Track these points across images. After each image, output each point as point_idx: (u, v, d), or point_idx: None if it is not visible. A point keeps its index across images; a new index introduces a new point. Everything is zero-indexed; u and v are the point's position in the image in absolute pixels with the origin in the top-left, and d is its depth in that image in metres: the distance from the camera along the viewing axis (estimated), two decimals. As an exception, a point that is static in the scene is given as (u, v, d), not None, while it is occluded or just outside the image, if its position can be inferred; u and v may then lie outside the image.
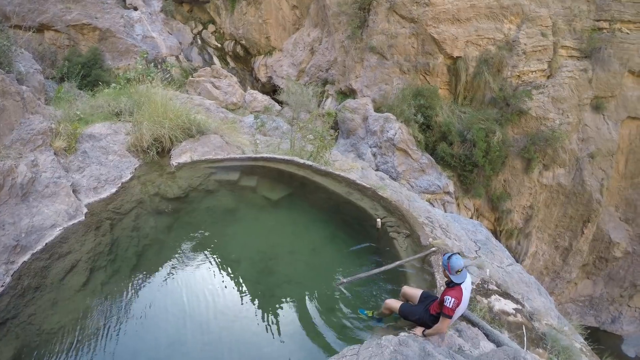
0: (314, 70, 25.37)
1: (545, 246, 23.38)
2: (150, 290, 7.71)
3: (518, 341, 7.15)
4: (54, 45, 24.09)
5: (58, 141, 10.43)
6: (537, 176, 21.71)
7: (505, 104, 20.81)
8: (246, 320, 7.10)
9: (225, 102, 21.72)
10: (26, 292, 7.22)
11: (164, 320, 7.06)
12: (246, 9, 28.54)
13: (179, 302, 7.41)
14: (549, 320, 8.55)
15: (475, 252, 10.40)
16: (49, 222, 8.57)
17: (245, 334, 6.89)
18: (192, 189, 10.41)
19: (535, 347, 7.27)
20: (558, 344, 7.42)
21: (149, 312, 7.20)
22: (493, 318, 7.44)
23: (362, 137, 19.88)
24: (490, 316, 7.45)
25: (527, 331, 7.40)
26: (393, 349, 4.22)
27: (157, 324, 6.98)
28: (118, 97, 13.28)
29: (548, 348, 7.35)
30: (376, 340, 4.50)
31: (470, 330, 6.79)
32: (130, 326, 6.89)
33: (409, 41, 21.27)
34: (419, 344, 4.34)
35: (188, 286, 7.80)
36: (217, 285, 7.82)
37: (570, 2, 21.46)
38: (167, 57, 26.59)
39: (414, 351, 4.18)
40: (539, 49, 21.04)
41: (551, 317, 8.87)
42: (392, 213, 9.05)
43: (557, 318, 9.17)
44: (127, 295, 7.52)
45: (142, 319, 7.04)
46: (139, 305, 7.32)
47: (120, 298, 7.42)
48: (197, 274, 8.12)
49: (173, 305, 7.35)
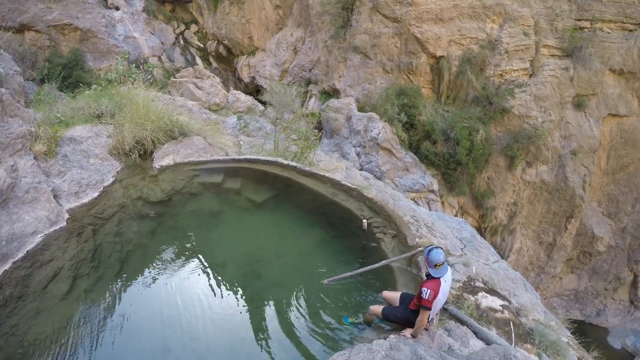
0: (297, 70, 25.29)
1: (529, 242, 23.61)
2: (135, 297, 7.58)
3: (506, 337, 7.19)
4: (35, 46, 23.75)
5: (38, 145, 10.21)
6: (520, 173, 21.91)
7: (488, 102, 20.94)
8: (234, 326, 7.04)
9: (208, 102, 21.57)
10: (8, 302, 7.03)
11: (150, 327, 6.97)
12: (229, 9, 28.37)
13: (164, 309, 7.31)
14: (536, 316, 8.63)
15: (461, 249, 10.45)
16: (29, 228, 8.38)
17: (233, 340, 6.82)
18: (176, 192, 10.29)
19: (524, 343, 7.32)
20: (546, 338, 7.51)
21: (135, 319, 7.09)
22: (481, 315, 7.47)
23: (346, 136, 19.86)
24: (477, 313, 7.48)
25: (515, 327, 7.44)
26: (384, 353, 4.20)
27: (143, 331, 6.89)
28: (99, 99, 13.06)
29: (536, 343, 7.42)
30: (367, 345, 4.48)
31: (459, 329, 6.82)
32: (116, 334, 6.76)
33: (392, 41, 21.30)
34: (410, 347, 4.32)
35: (173, 292, 7.70)
36: (204, 291, 7.73)
37: (552, 1, 21.66)
38: (149, 57, 26.35)
39: (405, 355, 4.17)
40: (521, 48, 21.21)
41: (538, 312, 8.96)
42: (378, 213, 9.04)
43: (543, 313, 9.27)
44: (112, 302, 7.39)
45: (127, 326, 6.93)
46: (124, 312, 7.19)
47: (104, 306, 7.28)
48: (182, 280, 8.01)
49: (158, 311, 7.25)
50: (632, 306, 25.86)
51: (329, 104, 21.23)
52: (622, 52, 22.06)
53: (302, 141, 12.51)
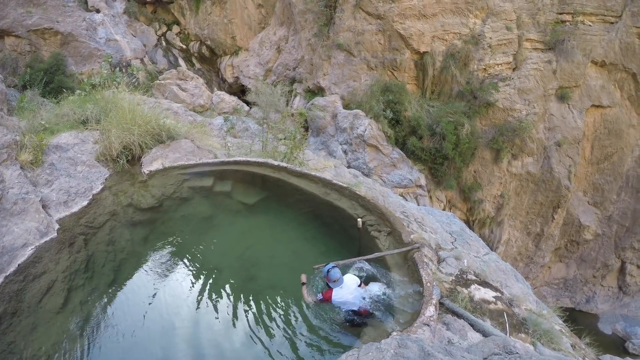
0: (281, 69, 25.22)
1: (517, 233, 23.85)
2: (131, 306, 7.51)
3: (500, 328, 7.32)
4: (15, 51, 23.40)
5: (24, 154, 9.98)
6: (506, 166, 22.11)
7: (473, 96, 21.09)
8: (232, 331, 7.00)
9: (193, 104, 21.42)
10: (3, 319, 6.87)
11: (148, 335, 6.92)
12: (211, 9, 28.19)
13: (161, 316, 7.26)
14: (528, 305, 8.79)
15: (452, 243, 10.55)
16: (20, 241, 8.19)
17: (232, 345, 6.79)
18: (166, 198, 10.15)
19: (518, 333, 7.46)
20: (539, 327, 7.72)
21: (132, 328, 7.02)
22: (475, 307, 7.60)
23: (332, 134, 19.87)
24: (472, 305, 7.60)
25: (509, 317, 7.60)
26: (394, 352, 4.20)
27: (141, 341, 6.83)
28: (84, 105, 12.82)
29: (530, 332, 7.57)
30: (376, 344, 4.48)
31: (457, 323, 6.96)
32: (115, 345, 6.71)
33: (375, 37, 21.33)
34: (418, 344, 4.34)
35: (169, 299, 7.65)
36: (199, 296, 7.69)
37: (534, -4, 21.86)
38: (132, 60, 26.10)
39: (413, 352, 4.17)
40: (504, 43, 21.38)
41: (530, 301, 9.12)
42: (371, 211, 9.01)
43: (535, 302, 9.44)
44: (108, 313, 7.30)
45: (125, 336, 6.86)
46: (121, 322, 7.11)
47: (101, 317, 7.20)
48: (177, 286, 7.95)
49: (156, 319, 7.20)
50: (620, 292, 26.28)
51: (314, 102, 21.26)
52: (603, 45, 22.31)
53: (291, 141, 12.45)
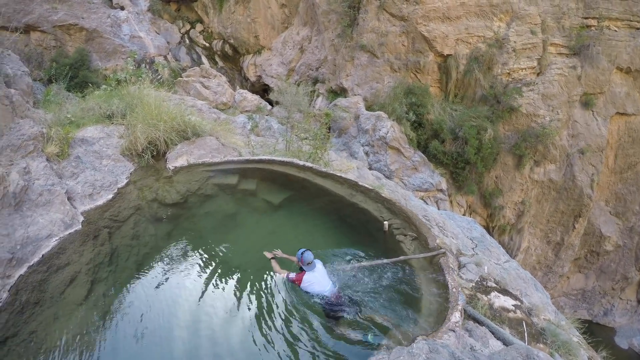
0: (304, 69, 25.18)
1: (537, 241, 23.54)
2: (153, 301, 7.46)
3: (519, 337, 7.21)
4: (40, 46, 23.64)
5: (50, 146, 10.07)
6: (528, 172, 21.83)
7: (496, 101, 20.85)
8: (255, 329, 6.92)
9: (215, 102, 21.45)
10: (25, 308, 6.91)
11: (170, 332, 6.87)
12: (234, 8, 28.25)
13: (183, 313, 7.23)
14: (547, 315, 8.65)
15: (472, 249, 10.41)
16: (44, 232, 8.25)
17: (254, 344, 6.69)
18: (191, 194, 10.15)
19: (536, 343, 7.36)
20: (557, 338, 7.61)
21: (154, 324, 6.99)
22: (494, 315, 7.52)
23: (354, 135, 19.78)
24: (491, 313, 7.53)
25: (527, 327, 7.48)
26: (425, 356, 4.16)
27: (162, 337, 6.78)
28: (109, 99, 12.91)
29: (548, 343, 7.46)
30: (407, 349, 4.42)
31: (478, 330, 6.87)
32: (136, 339, 6.69)
33: (399, 39, 21.20)
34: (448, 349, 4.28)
35: (192, 295, 7.61)
36: (222, 294, 7.65)
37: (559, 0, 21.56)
38: (155, 57, 26.26)
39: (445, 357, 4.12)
40: (528, 47, 21.12)
41: (548, 312, 8.98)
42: (396, 215, 8.92)
43: (554, 313, 9.28)
44: (130, 307, 7.29)
45: (147, 331, 6.83)
46: (143, 317, 7.10)
47: (123, 310, 7.19)
48: (200, 283, 7.90)
49: (178, 316, 7.16)
50: (639, 306, 25.81)
51: (337, 103, 21.19)
52: (629, 51, 22.00)
53: (316, 141, 12.40)
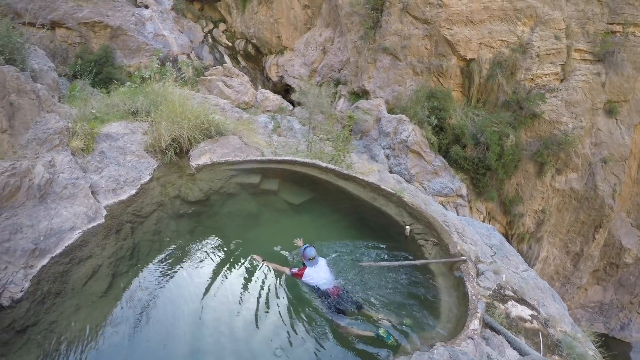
0: (326, 70, 25.18)
1: (556, 251, 23.21)
2: (173, 296, 7.55)
3: (535, 348, 7.15)
4: (66, 42, 23.96)
5: (75, 141, 10.23)
6: (549, 180, 21.55)
7: (519, 107, 20.63)
8: (272, 329, 6.95)
9: (237, 101, 21.54)
10: (46, 298, 7.04)
11: (188, 328, 6.91)
12: (257, 8, 28.39)
13: (202, 310, 7.28)
14: (563, 327, 8.53)
15: (491, 257, 10.32)
16: (68, 224, 8.38)
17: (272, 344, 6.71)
18: (213, 192, 10.23)
19: (552, 354, 7.29)
20: (573, 351, 7.52)
21: (173, 319, 7.06)
22: (510, 324, 7.47)
23: (375, 138, 19.73)
24: (507, 322, 7.48)
25: (543, 337, 7.41)
26: (446, 363, 4.14)
27: (180, 333, 6.83)
28: (134, 96, 13.08)
29: (564, 355, 7.42)
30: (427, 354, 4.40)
31: (495, 338, 6.80)
32: (154, 334, 6.76)
33: (422, 42, 21.10)
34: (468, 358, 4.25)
35: (212, 293, 7.67)
36: (242, 293, 7.70)
37: (584, 4, 21.20)
38: (178, 55, 26.45)
39: (465, 364, 4.09)
40: (552, 52, 20.84)
41: (565, 323, 8.85)
42: (418, 220, 8.88)
43: (570, 325, 9.15)
44: (151, 301, 7.37)
45: (166, 326, 6.92)
46: (162, 311, 7.18)
47: (143, 304, 7.26)
48: (220, 281, 7.96)
49: (196, 313, 7.21)
50: (657, 322, 25.35)
51: (358, 105, 21.11)
52: (655, 58, 21.60)
53: (339, 143, 12.38)
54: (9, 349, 6.22)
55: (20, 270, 7.24)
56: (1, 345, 6.22)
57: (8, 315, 6.66)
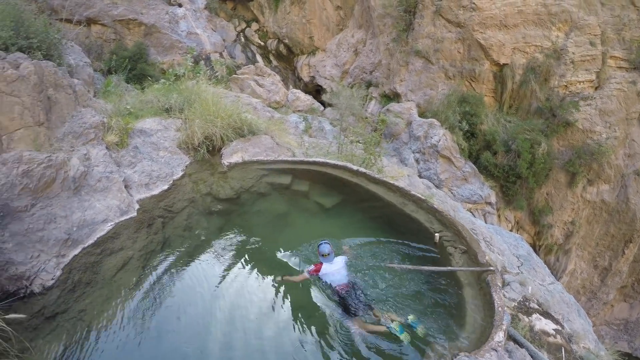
0: (358, 72, 25.12)
1: (584, 264, 22.71)
2: (201, 292, 7.60)
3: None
4: (101, 38, 24.43)
5: (110, 135, 10.42)
6: (580, 191, 21.09)
7: (552, 114, 20.26)
8: (300, 327, 6.95)
9: (269, 100, 21.64)
10: (77, 287, 7.19)
11: (214, 324, 6.95)
12: (290, 8, 28.52)
13: (229, 307, 7.30)
14: (587, 344, 8.35)
15: (518, 267, 10.15)
16: (100, 216, 8.55)
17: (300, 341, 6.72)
18: (244, 191, 10.28)
19: None
20: None
21: (200, 314, 7.13)
22: (533, 337, 7.36)
23: (405, 142, 19.62)
24: (530, 335, 7.37)
25: (566, 353, 7.30)
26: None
27: (207, 328, 6.87)
28: (168, 93, 13.26)
29: None
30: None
31: (518, 352, 6.68)
32: (182, 328, 6.81)
33: (455, 46, 20.91)
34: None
35: (239, 291, 7.70)
36: (269, 292, 7.70)
37: (620, 10, 20.68)
38: (211, 53, 26.73)
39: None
40: (587, 59, 20.38)
41: (589, 340, 8.67)
42: (447, 227, 8.77)
43: (594, 342, 8.96)
44: (179, 296, 7.44)
45: (193, 321, 6.98)
46: (190, 307, 7.25)
47: (172, 299, 7.34)
48: (248, 279, 8.00)
49: (223, 310, 7.24)
50: (682, 344, 24.61)
51: (389, 108, 21.00)
52: (691, 66, 21.00)
53: (371, 146, 12.35)
54: (38, 334, 6.36)
55: (52, 259, 7.44)
56: (31, 330, 6.36)
57: (38, 301, 6.84)
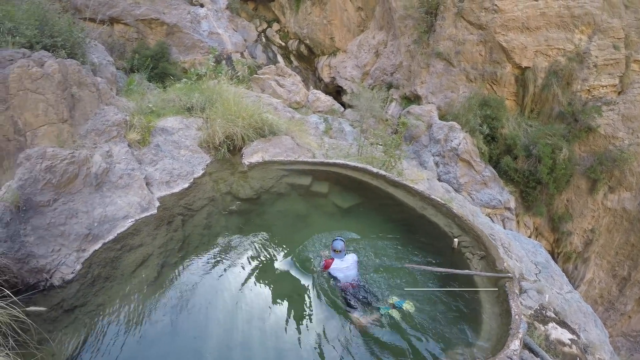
0: (379, 73, 25.02)
1: (602, 274, 22.31)
2: (219, 290, 7.66)
3: (571, 373, 6.96)
4: (123, 37, 24.69)
5: (132, 133, 10.61)
6: (601, 198, 20.71)
7: (574, 119, 19.96)
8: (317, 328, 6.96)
9: (289, 100, 21.68)
10: (96, 282, 7.35)
11: (230, 323, 7.01)
12: (311, 9, 28.55)
13: (246, 307, 7.33)
14: (602, 355, 8.26)
15: (535, 275, 10.05)
16: (121, 213, 8.71)
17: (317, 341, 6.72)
18: (264, 191, 10.36)
19: None
20: None
21: (217, 312, 7.18)
22: (549, 347, 7.28)
23: (425, 144, 19.50)
24: (546, 344, 7.29)
25: None
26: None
27: (223, 326, 6.93)
28: (190, 92, 13.40)
29: None
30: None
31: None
32: (197, 325, 6.88)
33: (476, 48, 20.74)
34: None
35: (257, 290, 7.73)
36: (287, 292, 7.72)
37: (644, 12, 20.41)
38: (232, 53, 26.86)
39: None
40: (610, 63, 20.01)
41: (605, 351, 8.56)
42: (466, 232, 8.70)
43: (610, 353, 8.88)
44: (197, 294, 7.50)
45: (209, 318, 7.04)
46: (207, 304, 7.31)
47: (189, 296, 7.41)
48: (266, 279, 8.00)
49: (240, 309, 7.28)
50: (699, 359, 24.11)
51: (410, 110, 20.88)
52: None
53: (391, 149, 12.33)
54: (56, 325, 6.50)
55: (73, 253, 7.64)
56: (49, 322, 6.50)
57: (58, 294, 7.03)
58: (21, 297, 6.31)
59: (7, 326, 5.52)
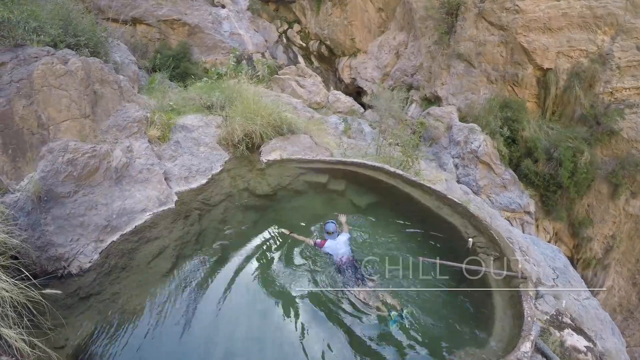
0: (399, 74, 24.95)
1: (622, 281, 21.88)
2: (232, 283, 7.79)
3: (586, 381, 6.86)
4: (146, 38, 25.10)
5: (152, 130, 10.79)
6: (623, 204, 20.30)
7: (596, 122, 19.62)
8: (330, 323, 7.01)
9: (309, 100, 21.74)
10: (112, 271, 7.55)
11: (243, 315, 7.13)
12: (331, 10, 28.64)
13: (259, 300, 7.46)
14: None
15: (553, 280, 9.94)
16: (139, 206, 8.88)
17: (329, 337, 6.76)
18: (281, 188, 10.48)
19: None
20: None
21: (230, 305, 7.30)
22: (563, 353, 7.15)
23: (445, 146, 19.39)
24: (560, 351, 7.17)
25: None
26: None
27: (235, 318, 7.06)
28: (210, 91, 13.59)
29: None
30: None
31: None
32: (209, 316, 7.01)
33: (497, 49, 20.55)
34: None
35: (270, 285, 7.83)
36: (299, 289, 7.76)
37: (668, 12, 19.99)
38: (253, 54, 27.09)
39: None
40: (633, 64, 19.56)
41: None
42: (482, 233, 8.63)
43: None
44: (210, 286, 7.67)
45: (222, 311, 7.14)
46: (220, 297, 7.42)
47: (203, 288, 7.57)
48: (280, 274, 8.12)
49: (253, 302, 7.41)
50: None
51: (430, 111, 20.78)
52: None
53: (409, 149, 12.30)
54: (71, 312, 6.71)
55: (91, 243, 7.82)
56: (65, 308, 6.69)
57: (75, 282, 7.23)
58: (39, 280, 6.49)
59: (23, 306, 5.65)
